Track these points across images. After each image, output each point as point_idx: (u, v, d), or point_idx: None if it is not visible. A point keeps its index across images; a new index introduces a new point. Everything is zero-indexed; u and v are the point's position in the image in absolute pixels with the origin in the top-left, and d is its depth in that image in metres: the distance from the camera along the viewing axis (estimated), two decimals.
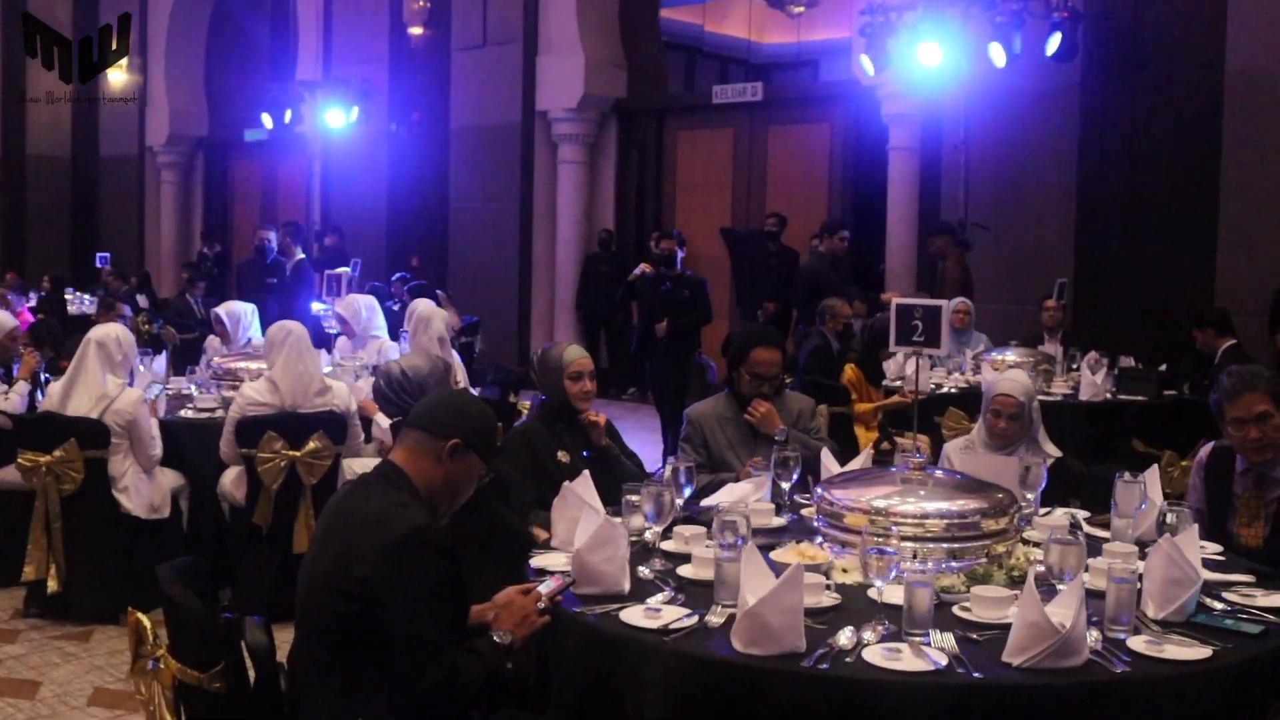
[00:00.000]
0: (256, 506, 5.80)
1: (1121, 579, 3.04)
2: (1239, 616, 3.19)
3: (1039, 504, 4.14)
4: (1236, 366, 4.67)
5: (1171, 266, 10.57)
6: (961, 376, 8.50)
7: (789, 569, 2.89)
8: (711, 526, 3.87)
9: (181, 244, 20.19)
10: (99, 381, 5.78)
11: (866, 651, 2.85)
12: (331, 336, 9.15)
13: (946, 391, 7.98)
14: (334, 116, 15.71)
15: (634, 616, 3.07)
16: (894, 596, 3.07)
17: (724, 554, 3.18)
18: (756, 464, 4.56)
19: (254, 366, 6.97)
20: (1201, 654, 2.90)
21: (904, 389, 8.06)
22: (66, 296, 15.15)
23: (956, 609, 3.15)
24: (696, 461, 4.71)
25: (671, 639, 2.93)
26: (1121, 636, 2.99)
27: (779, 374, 5.07)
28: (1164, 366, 8.56)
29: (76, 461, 5.69)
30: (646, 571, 3.47)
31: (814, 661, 2.79)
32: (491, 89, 15.08)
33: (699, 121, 14.60)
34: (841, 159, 13.41)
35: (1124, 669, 2.81)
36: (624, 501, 3.76)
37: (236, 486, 5.93)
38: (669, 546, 3.68)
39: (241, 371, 6.99)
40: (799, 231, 12.29)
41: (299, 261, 11.78)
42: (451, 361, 6.35)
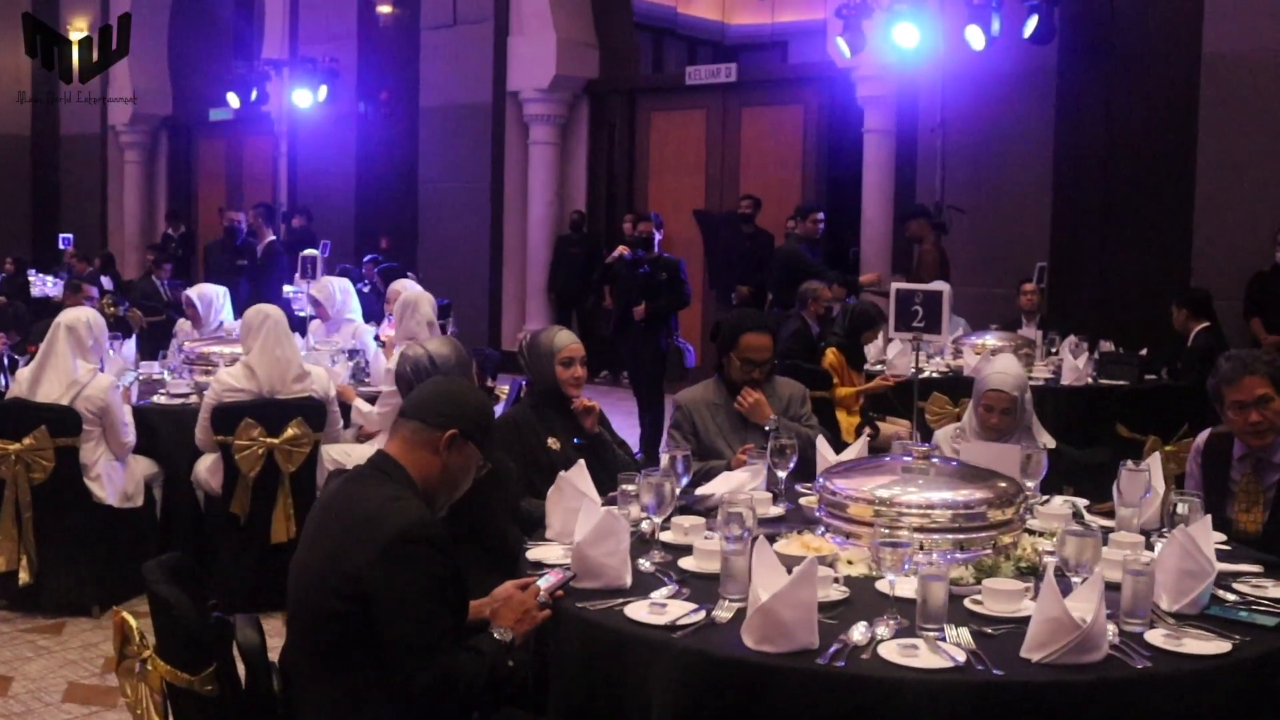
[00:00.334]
0: (234, 495, 5.67)
1: (1137, 571, 2.97)
2: (1252, 608, 3.13)
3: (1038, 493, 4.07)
4: (1234, 350, 4.62)
5: (1147, 250, 10.57)
6: (941, 361, 8.44)
7: (803, 563, 2.80)
8: (709, 517, 3.79)
9: (145, 225, 19.89)
10: (69, 367, 5.62)
11: (882, 648, 2.76)
12: (302, 320, 9.00)
13: (928, 376, 7.91)
14: (301, 96, 15.50)
15: (639, 612, 2.97)
16: (902, 589, 3.00)
17: (730, 546, 3.08)
18: (750, 451, 4.49)
19: (227, 351, 6.83)
20: (1221, 648, 2.83)
21: (885, 373, 8.01)
22: (30, 279, 14.89)
23: (968, 602, 3.06)
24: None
25: (680, 635, 2.83)
26: (1138, 630, 2.92)
27: (770, 359, 4.97)
28: (1145, 350, 8.52)
29: (47, 449, 5.53)
30: (647, 565, 3.37)
31: (829, 659, 2.70)
32: (462, 69, 14.91)
33: (672, 103, 14.48)
34: (816, 141, 13.33)
35: (1145, 664, 2.73)
36: (620, 491, 3.67)
37: (212, 474, 5.80)
38: (668, 538, 3.58)
39: (214, 356, 6.84)
40: (773, 214, 12.21)
41: (270, 243, 11.60)
42: None
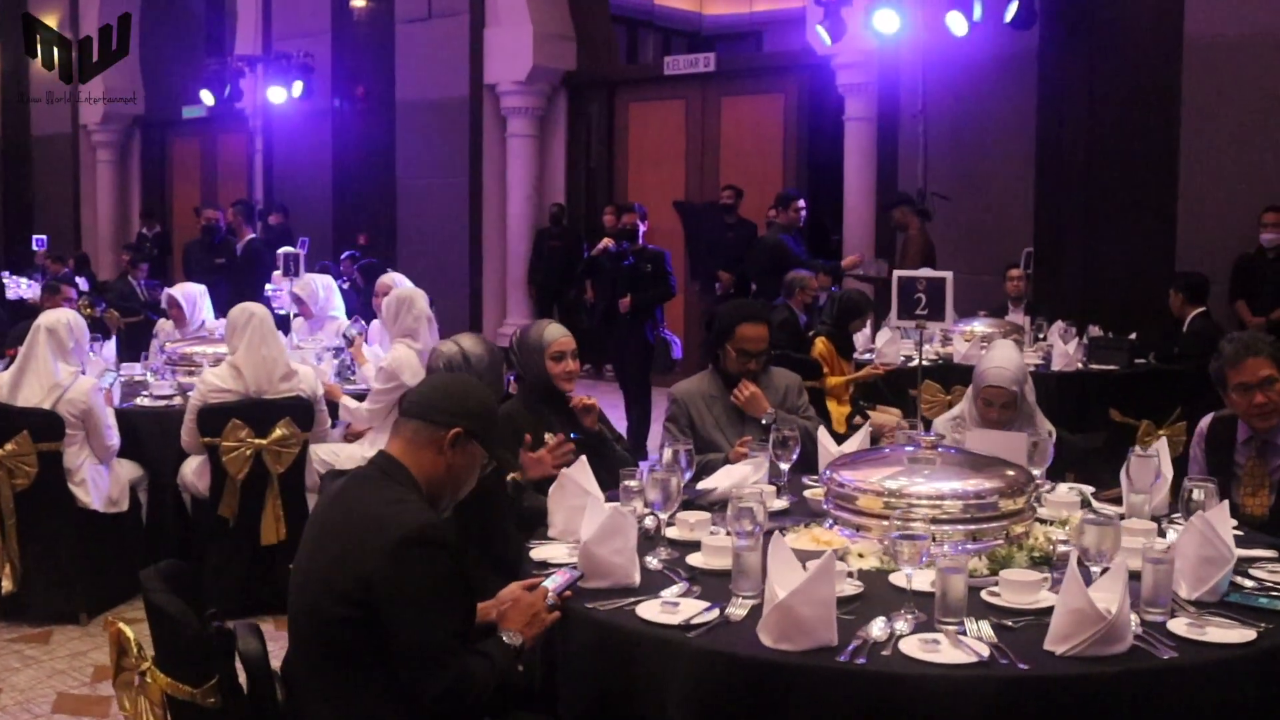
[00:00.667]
0: (222, 498, 5.57)
1: (1158, 560, 2.92)
2: (1270, 594, 3.08)
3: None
4: (1237, 333, 4.59)
5: (1132, 234, 10.54)
6: (930, 348, 8.38)
7: (822, 558, 2.73)
8: (713, 511, 3.73)
9: (119, 225, 19.69)
10: (50, 370, 5.51)
11: (903, 643, 2.70)
12: (284, 318, 8.89)
13: (919, 364, 7.85)
14: (275, 92, 15.35)
15: (651, 612, 2.90)
16: (918, 582, 2.93)
17: (741, 542, 3.02)
18: (749, 444, 4.41)
19: (210, 351, 6.74)
20: (1246, 635, 2.78)
21: (875, 361, 7.95)
22: (4, 281, 14.70)
23: (985, 594, 3.00)
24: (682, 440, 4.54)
25: (695, 635, 2.76)
26: (1160, 620, 2.87)
27: (766, 350, 4.90)
28: (1134, 335, 8.49)
29: (29, 455, 5.42)
30: (654, 562, 3.30)
31: (849, 656, 2.64)
32: (438, 62, 14.77)
33: (650, 93, 14.38)
34: (796, 130, 13.26)
35: (1170, 654, 2.68)
36: (622, 488, 3.59)
37: (199, 477, 5.69)
38: (673, 534, 3.52)
39: (198, 356, 6.74)
40: (755, 204, 12.13)
41: (250, 241, 11.46)
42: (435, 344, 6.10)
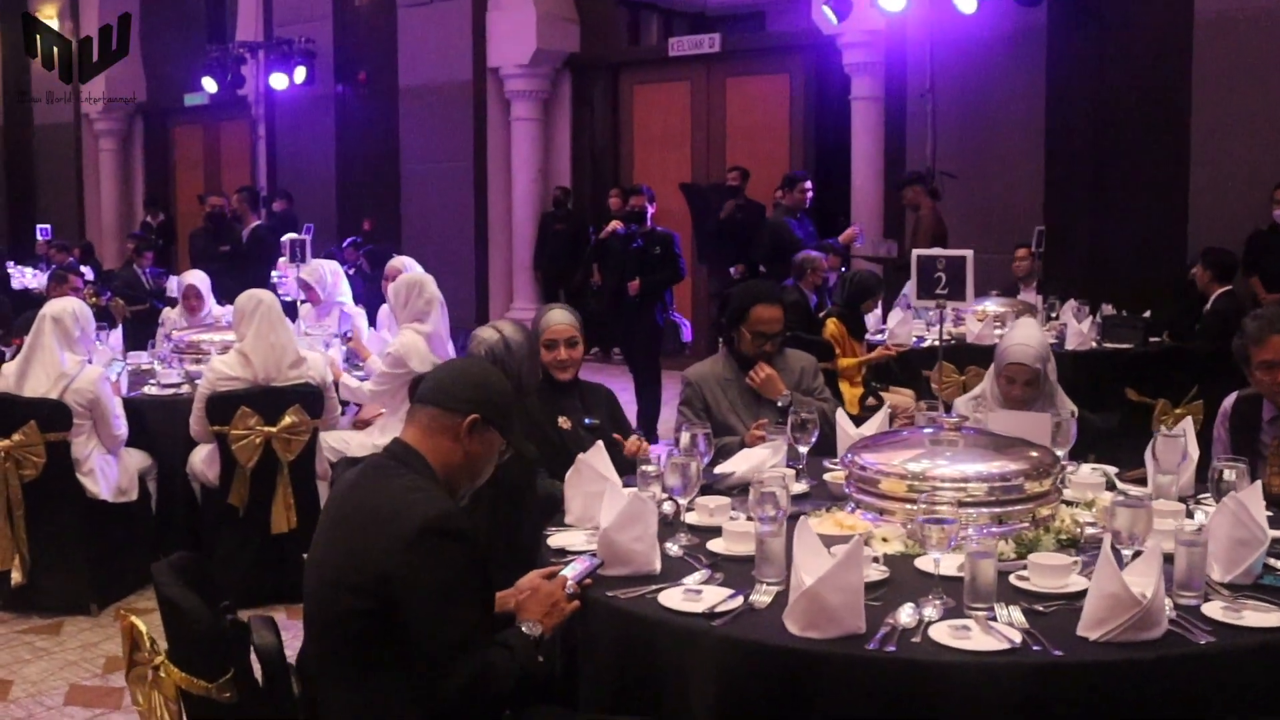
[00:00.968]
0: (231, 486, 5.51)
1: (1191, 542, 2.85)
2: None
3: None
4: (1260, 309, 4.51)
5: (1143, 212, 10.45)
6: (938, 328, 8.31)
7: (849, 544, 2.67)
8: (731, 496, 3.67)
9: (123, 213, 19.63)
10: (57, 360, 5.44)
11: (932, 630, 2.64)
12: (289, 304, 8.83)
13: (932, 345, 7.79)
14: (277, 78, 15.27)
15: (674, 599, 2.84)
16: (944, 567, 2.88)
17: (765, 528, 2.95)
18: (765, 427, 4.35)
19: (216, 338, 6.68)
20: None
21: (887, 343, 7.88)
22: (10, 271, 14.65)
23: (1014, 578, 2.94)
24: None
25: (719, 623, 2.70)
26: (1194, 603, 2.81)
27: (781, 331, 4.82)
28: (1148, 313, 8.41)
29: (37, 445, 5.35)
30: (675, 548, 3.24)
31: (878, 644, 2.58)
32: (441, 46, 14.67)
33: (655, 75, 14.29)
34: (803, 110, 13.16)
35: (1207, 639, 2.62)
36: (639, 473, 3.53)
37: (208, 466, 5.64)
38: (693, 519, 3.46)
39: (205, 344, 6.68)
40: (761, 185, 12.04)
41: (255, 228, 11.37)
42: (444, 331, 6.04)
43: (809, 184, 10.26)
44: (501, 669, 2.64)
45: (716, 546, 3.24)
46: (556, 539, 3.37)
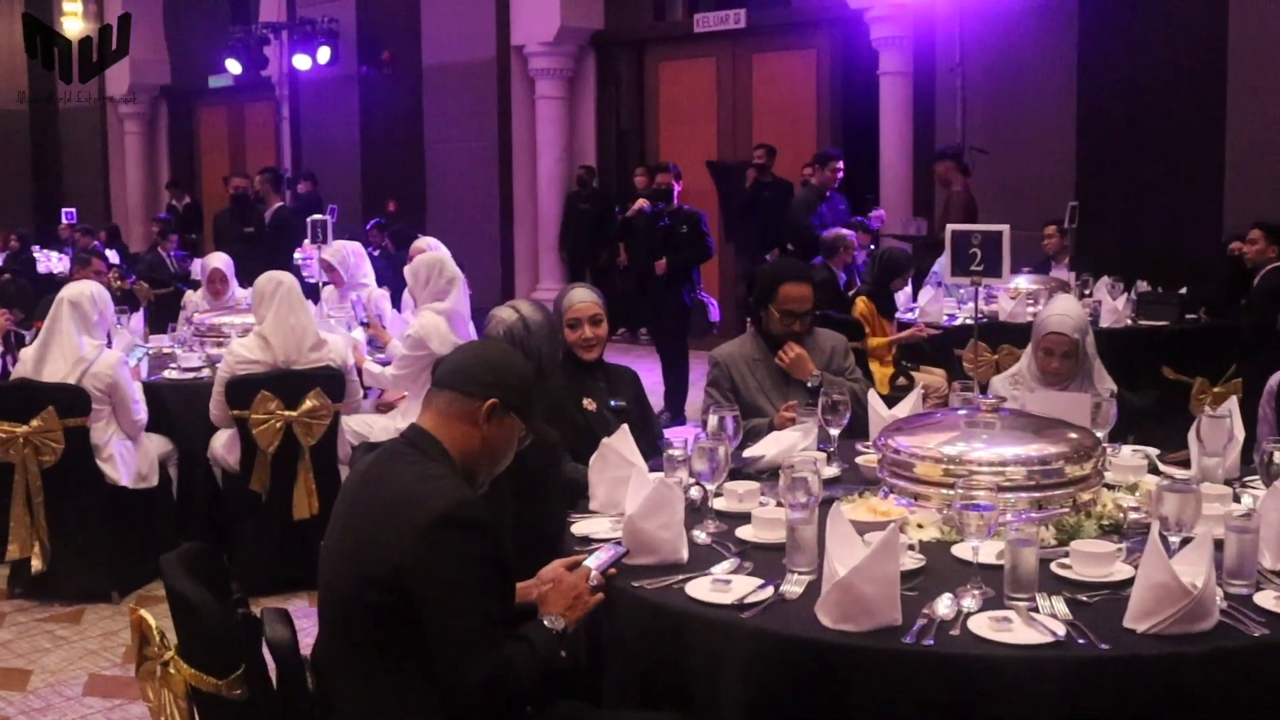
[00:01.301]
0: (253, 472, 5.42)
1: (1242, 528, 2.73)
2: None
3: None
4: None
5: (1178, 186, 10.26)
6: (970, 306, 8.17)
7: (885, 533, 2.55)
8: (761, 480, 3.56)
9: (149, 196, 19.63)
10: (75, 344, 5.37)
11: (971, 622, 2.53)
12: (313, 286, 8.75)
13: (963, 323, 7.65)
14: (300, 59, 15.19)
15: (702, 590, 2.73)
16: (983, 554, 2.76)
17: (796, 515, 2.85)
18: (795, 408, 4.24)
19: (238, 321, 6.60)
20: None
21: (919, 322, 7.74)
22: (35, 255, 14.64)
23: (1055, 566, 2.82)
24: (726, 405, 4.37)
25: (749, 615, 2.60)
26: (1245, 592, 2.68)
27: (810, 310, 4.70)
28: (1184, 289, 8.24)
29: (56, 431, 5.28)
30: (702, 536, 3.13)
31: (915, 637, 2.47)
32: (464, 24, 14.57)
33: (680, 51, 14.15)
34: (830, 86, 13.01)
35: (1261, 631, 2.50)
36: (665, 457, 3.42)
37: (229, 450, 5.56)
38: (721, 505, 3.35)
39: (225, 327, 6.60)
40: (788, 162, 11.90)
41: (278, 209, 11.29)
42: (465, 310, 5.93)
43: (841, 163, 10.08)
44: (522, 664, 2.54)
45: (745, 534, 3.14)
46: (580, 526, 3.27)
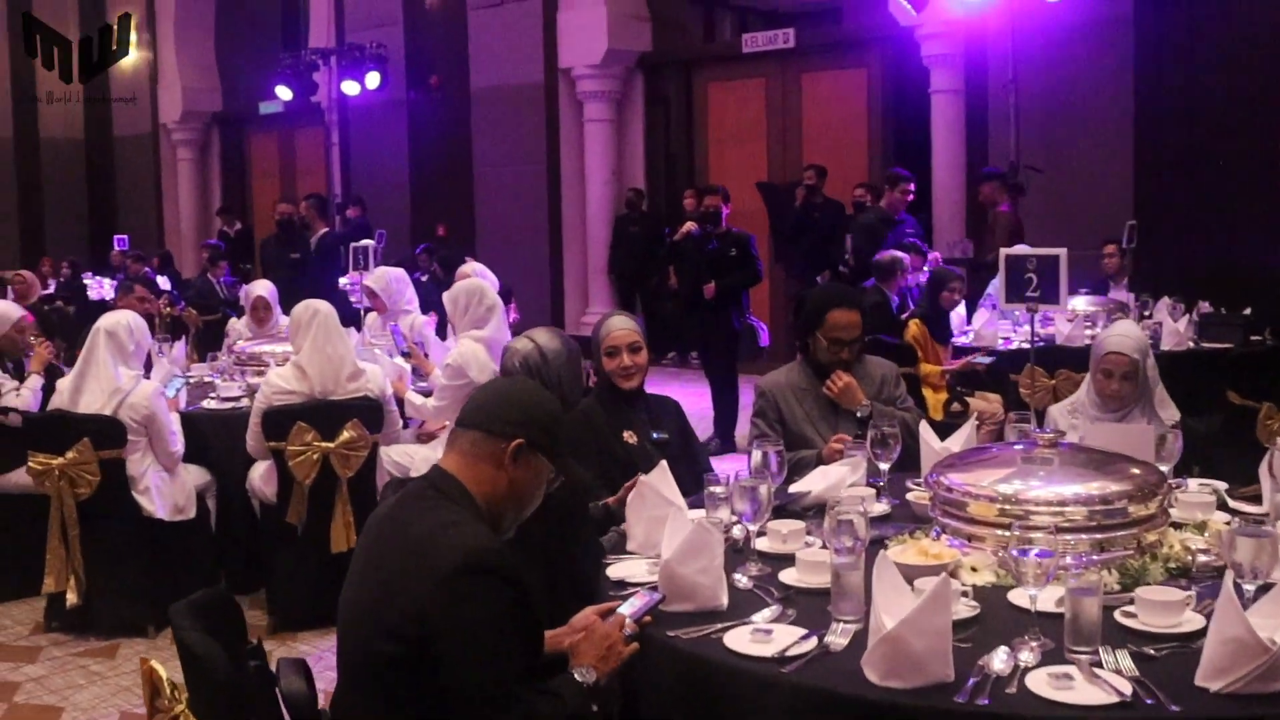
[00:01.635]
0: (289, 504, 5.32)
1: None
2: None
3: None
4: None
5: (1238, 204, 10.01)
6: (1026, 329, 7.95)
7: (935, 583, 2.39)
8: (806, 517, 3.40)
9: (201, 222, 19.75)
10: (111, 374, 5.30)
11: (1030, 678, 2.35)
12: (359, 313, 8.68)
13: (1018, 347, 7.45)
14: (349, 85, 15.21)
15: (741, 641, 2.58)
16: (1042, 601, 2.59)
17: (841, 560, 2.69)
18: (845, 441, 4.07)
19: (279, 350, 6.51)
20: None
21: (975, 355, 7.52)
22: (86, 282, 14.73)
23: (1119, 615, 2.65)
24: (772, 437, 4.21)
25: (791, 669, 2.44)
26: None
27: (859, 337, 4.53)
28: (1248, 310, 7.98)
29: (91, 463, 5.21)
30: (744, 580, 2.98)
31: (969, 695, 2.29)
32: (512, 48, 14.54)
33: (729, 72, 14.03)
34: (881, 105, 12.84)
35: None
36: (707, 494, 3.27)
37: (267, 482, 5.46)
38: (764, 545, 3.19)
39: (266, 355, 6.53)
40: (839, 182, 11.73)
41: (323, 235, 11.26)
42: (506, 338, 5.80)
43: (912, 184, 9.74)
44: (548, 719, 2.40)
45: (789, 577, 2.98)
46: (616, 569, 3.12)
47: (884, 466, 3.73)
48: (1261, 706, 2.25)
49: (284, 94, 16.32)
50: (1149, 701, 2.26)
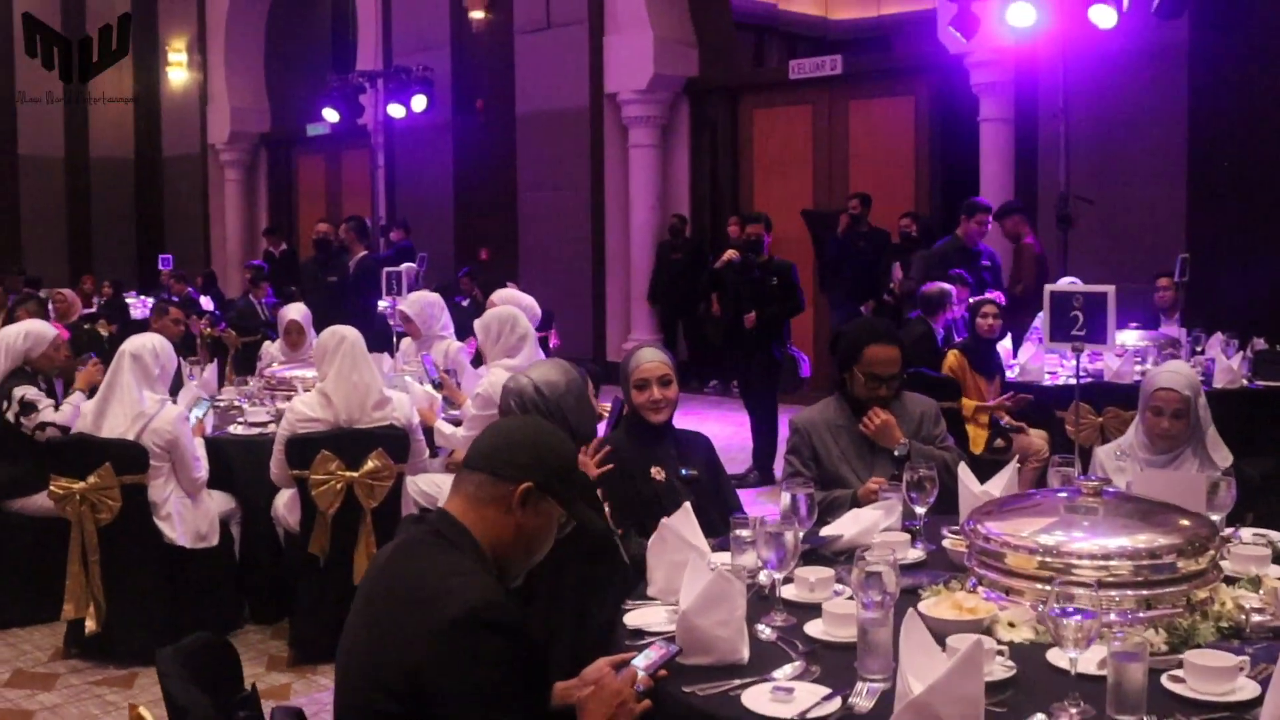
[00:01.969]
0: (312, 534, 5.22)
1: None
2: None
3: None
4: None
5: None
6: (1071, 363, 7.74)
7: (967, 647, 2.23)
8: (837, 563, 3.25)
9: (248, 243, 19.84)
10: (135, 398, 5.22)
11: None
12: (398, 336, 8.59)
13: (1064, 383, 7.25)
14: (395, 108, 15.20)
15: (760, 700, 2.43)
16: (1083, 663, 2.42)
17: (868, 615, 2.53)
18: (882, 485, 3.90)
19: (309, 375, 6.42)
20: None
21: (1017, 394, 7.28)
22: (130, 301, 14.77)
23: (1166, 679, 2.48)
24: (805, 476, 4.06)
25: None
26: None
27: (898, 374, 4.38)
28: None
29: (113, 488, 5.13)
30: (767, 631, 2.83)
31: None
32: (558, 72, 14.51)
33: (775, 99, 13.90)
34: (928, 133, 12.66)
35: None
36: (733, 537, 3.13)
37: (290, 510, 5.37)
38: (790, 593, 3.04)
39: (296, 380, 6.45)
40: (886, 210, 11.57)
41: (362, 258, 11.21)
42: None
43: (989, 216, 9.37)
44: None
45: (815, 629, 2.83)
46: (634, 616, 2.97)
47: (920, 510, 3.57)
48: None
49: (331, 116, 16.31)
50: None
